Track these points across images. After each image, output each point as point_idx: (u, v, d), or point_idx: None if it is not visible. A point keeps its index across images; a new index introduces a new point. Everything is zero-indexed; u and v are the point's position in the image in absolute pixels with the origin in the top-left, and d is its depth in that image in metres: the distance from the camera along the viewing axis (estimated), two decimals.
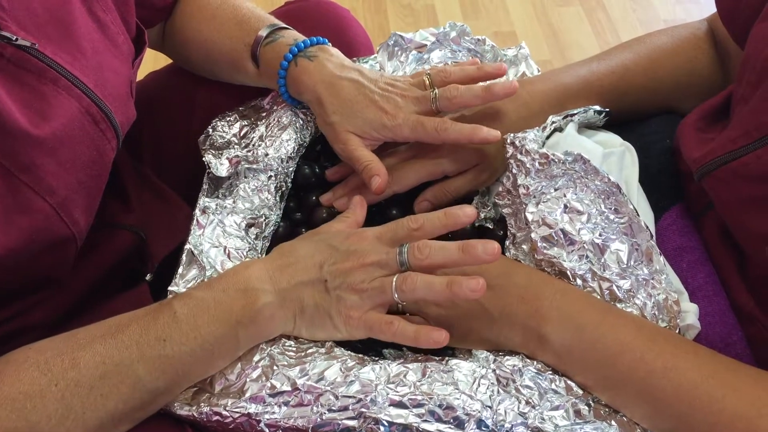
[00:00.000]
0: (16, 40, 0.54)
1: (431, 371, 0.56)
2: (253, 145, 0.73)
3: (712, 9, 0.72)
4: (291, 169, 0.74)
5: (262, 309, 0.57)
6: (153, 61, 1.16)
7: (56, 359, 0.53)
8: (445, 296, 0.56)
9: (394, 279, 0.57)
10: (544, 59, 1.89)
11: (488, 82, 0.71)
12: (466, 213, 0.59)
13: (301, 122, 0.76)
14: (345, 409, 0.54)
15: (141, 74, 0.82)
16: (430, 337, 0.56)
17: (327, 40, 0.74)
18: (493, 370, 0.56)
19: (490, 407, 0.54)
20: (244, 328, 0.57)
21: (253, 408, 0.56)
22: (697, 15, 1.97)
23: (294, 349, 0.59)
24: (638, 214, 0.61)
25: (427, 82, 0.72)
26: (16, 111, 0.55)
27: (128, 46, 0.69)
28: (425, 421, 0.53)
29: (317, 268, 0.59)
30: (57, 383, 0.52)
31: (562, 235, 0.61)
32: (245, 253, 0.67)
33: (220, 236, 0.67)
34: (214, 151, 0.73)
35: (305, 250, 0.61)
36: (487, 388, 0.55)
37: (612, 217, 0.62)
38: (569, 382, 0.57)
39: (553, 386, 0.56)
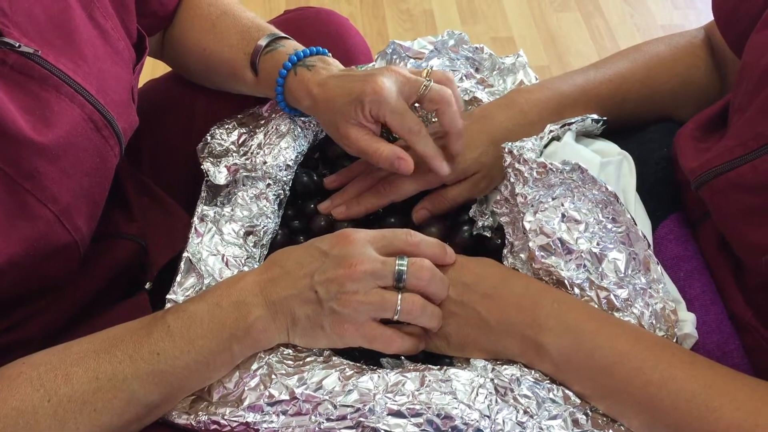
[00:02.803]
0: (19, 46, 0.54)
1: (429, 380, 0.56)
2: (252, 153, 0.73)
3: (709, 15, 0.72)
4: (289, 177, 0.74)
5: (255, 322, 0.57)
6: (151, 69, 1.16)
7: (49, 374, 0.53)
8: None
9: (399, 300, 0.57)
10: (542, 65, 1.89)
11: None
12: (450, 256, 0.62)
13: (300, 130, 0.76)
14: (343, 418, 0.54)
15: (139, 82, 0.82)
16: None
17: (327, 51, 0.74)
18: (491, 380, 0.56)
19: (488, 417, 0.54)
20: (238, 342, 0.57)
21: (251, 417, 0.56)
22: (695, 21, 1.98)
23: (292, 357, 0.59)
24: (636, 223, 0.61)
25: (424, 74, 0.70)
26: (20, 118, 0.55)
27: (129, 52, 0.69)
28: (423, 430, 0.53)
29: (307, 278, 0.57)
30: (50, 399, 0.52)
31: (559, 244, 0.61)
32: (243, 261, 0.67)
33: (218, 244, 0.67)
34: (212, 159, 0.73)
35: (295, 258, 0.59)
36: (485, 397, 0.55)
37: (609, 226, 0.62)
38: (567, 391, 0.57)
39: (551, 395, 0.56)
